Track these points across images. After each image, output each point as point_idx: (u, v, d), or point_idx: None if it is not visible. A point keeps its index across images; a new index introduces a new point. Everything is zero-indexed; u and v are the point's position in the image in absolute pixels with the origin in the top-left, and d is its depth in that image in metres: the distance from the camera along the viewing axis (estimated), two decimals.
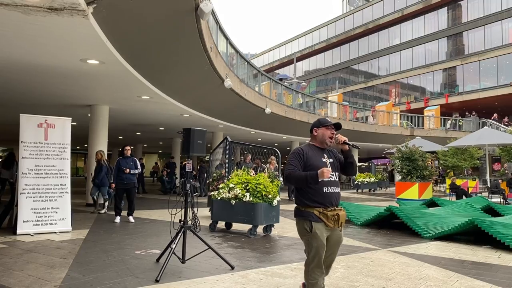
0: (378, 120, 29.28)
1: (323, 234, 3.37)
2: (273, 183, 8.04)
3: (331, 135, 3.54)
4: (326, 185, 3.41)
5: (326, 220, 3.36)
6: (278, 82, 22.57)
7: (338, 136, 3.55)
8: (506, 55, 32.81)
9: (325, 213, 3.36)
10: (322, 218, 3.35)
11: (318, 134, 3.57)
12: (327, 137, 3.53)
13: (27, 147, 7.41)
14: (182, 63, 9.42)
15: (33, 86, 9.48)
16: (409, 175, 15.21)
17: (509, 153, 19.97)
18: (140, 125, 17.51)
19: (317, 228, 3.34)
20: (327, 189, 3.41)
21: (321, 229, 3.36)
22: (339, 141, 3.55)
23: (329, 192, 3.42)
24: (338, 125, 3.60)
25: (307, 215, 3.38)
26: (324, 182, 3.38)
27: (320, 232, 3.35)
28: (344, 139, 3.55)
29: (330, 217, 3.37)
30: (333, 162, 3.56)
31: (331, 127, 3.55)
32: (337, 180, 3.55)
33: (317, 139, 3.57)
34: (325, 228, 3.38)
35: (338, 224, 3.42)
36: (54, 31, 5.71)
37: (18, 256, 5.64)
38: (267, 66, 57.49)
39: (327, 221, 3.36)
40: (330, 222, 3.37)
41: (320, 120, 3.65)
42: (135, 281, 4.53)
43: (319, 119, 3.71)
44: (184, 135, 5.36)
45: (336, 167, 3.58)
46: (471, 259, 6.07)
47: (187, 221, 5.21)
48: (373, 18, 43.63)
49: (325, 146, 3.58)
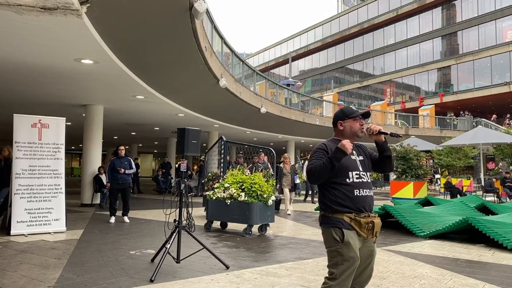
0: (373, 119, 29.34)
1: (356, 245, 2.77)
2: (268, 183, 8.04)
3: (360, 127, 2.96)
4: (357, 187, 2.84)
5: (358, 229, 2.77)
6: (274, 82, 22.59)
7: (371, 126, 2.94)
8: (500, 55, 33.02)
9: (357, 220, 2.77)
10: (354, 226, 2.77)
11: (345, 127, 2.98)
12: (357, 129, 2.96)
13: (21, 147, 7.37)
14: (176, 62, 9.40)
15: (27, 85, 9.43)
16: (404, 174, 15.27)
17: (503, 152, 20.09)
18: (135, 125, 17.45)
19: (350, 236, 2.75)
20: (358, 191, 2.83)
21: (354, 238, 2.77)
22: (372, 132, 2.93)
23: (361, 196, 2.83)
24: (367, 114, 3.03)
25: (336, 222, 2.79)
26: (356, 183, 2.84)
27: (353, 241, 2.76)
28: (378, 129, 2.93)
29: (363, 224, 2.77)
30: (363, 160, 2.99)
31: (359, 117, 2.97)
32: (370, 181, 2.96)
33: (345, 134, 2.97)
34: (358, 237, 2.79)
35: (372, 234, 2.81)
36: (47, 30, 5.68)
37: (12, 256, 5.61)
38: (263, 65, 57.50)
39: (359, 230, 2.77)
40: (363, 231, 2.78)
41: (344, 111, 3.05)
42: (129, 281, 4.52)
43: (343, 109, 3.09)
44: (179, 135, 5.34)
45: (367, 165, 3.00)
46: (465, 257, 6.10)
47: (181, 221, 5.21)
48: (368, 17, 43.75)
49: (354, 140, 2.99)
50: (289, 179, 11.45)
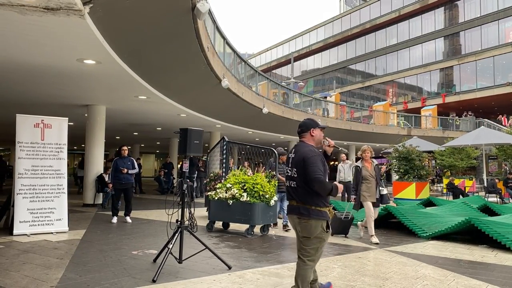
0: (375, 120, 29.32)
1: None
2: (270, 183, 8.04)
3: (323, 137, 3.71)
4: None
5: (329, 218, 3.62)
6: (276, 82, 22.57)
7: (329, 140, 3.75)
8: (502, 55, 32.90)
9: (331, 211, 3.64)
10: (330, 216, 3.61)
11: (316, 135, 3.65)
12: (321, 138, 3.69)
13: (24, 147, 7.39)
14: (179, 63, 9.40)
15: (29, 86, 9.45)
16: (406, 174, 15.24)
17: (506, 152, 20.02)
18: (137, 125, 17.47)
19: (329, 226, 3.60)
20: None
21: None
22: (329, 144, 3.73)
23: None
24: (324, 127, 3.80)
25: (325, 215, 3.56)
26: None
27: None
28: (333, 144, 3.79)
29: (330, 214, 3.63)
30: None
31: (322, 129, 3.72)
32: None
33: (315, 140, 3.65)
34: None
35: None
36: (50, 31, 5.69)
37: (14, 256, 5.62)
38: (265, 66, 57.50)
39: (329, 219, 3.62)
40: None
41: (315, 121, 3.76)
42: (132, 281, 4.52)
43: (312, 119, 3.79)
44: (181, 135, 5.35)
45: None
46: (467, 258, 6.09)
47: (184, 221, 5.21)
48: (370, 18, 43.68)
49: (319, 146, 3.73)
50: (373, 187, 7.19)
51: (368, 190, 7.13)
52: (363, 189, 7.13)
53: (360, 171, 7.19)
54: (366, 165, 7.25)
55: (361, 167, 7.22)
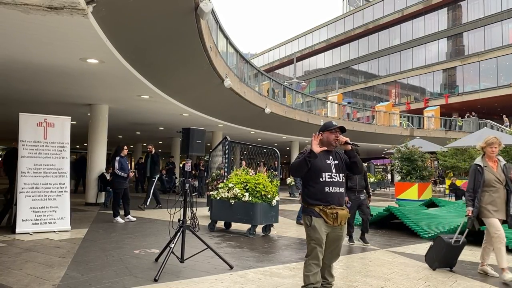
0: (378, 120, 29.27)
1: (322, 229, 3.54)
2: (272, 183, 8.04)
3: (335, 138, 3.70)
4: (328, 185, 3.60)
5: (325, 217, 3.54)
6: (279, 82, 22.56)
7: (339, 138, 3.70)
8: (506, 56, 32.81)
9: (324, 211, 3.55)
10: (322, 215, 3.55)
11: (323, 138, 3.73)
12: (331, 140, 3.70)
13: (26, 146, 7.41)
14: (181, 62, 9.41)
15: (32, 84, 9.48)
16: (409, 175, 15.21)
17: (509, 153, 19.94)
18: (139, 124, 17.50)
19: (316, 222, 3.54)
20: (328, 188, 3.59)
21: (320, 224, 3.54)
22: (340, 142, 3.69)
23: (330, 192, 3.59)
24: (342, 128, 3.76)
25: (309, 211, 3.60)
26: (327, 182, 3.60)
27: (318, 226, 3.54)
28: (345, 140, 3.68)
29: (329, 214, 3.54)
30: (337, 164, 3.72)
31: (335, 130, 3.72)
32: (341, 181, 3.69)
33: (323, 142, 3.72)
34: (325, 224, 3.55)
35: (337, 222, 3.56)
36: (54, 30, 5.70)
37: (16, 255, 5.64)
38: (267, 66, 57.47)
39: (326, 218, 3.54)
40: (330, 219, 3.54)
41: (325, 124, 3.82)
42: (133, 280, 4.53)
43: (325, 123, 3.85)
44: (184, 135, 5.35)
45: (341, 168, 3.73)
46: (469, 259, 6.07)
47: (186, 221, 5.22)
48: (373, 18, 43.62)
49: (332, 148, 3.74)
50: (501, 197, 4.91)
51: (493, 202, 4.88)
52: (486, 199, 4.89)
53: (482, 172, 4.96)
54: (490, 165, 5.01)
55: (482, 167, 4.99)
